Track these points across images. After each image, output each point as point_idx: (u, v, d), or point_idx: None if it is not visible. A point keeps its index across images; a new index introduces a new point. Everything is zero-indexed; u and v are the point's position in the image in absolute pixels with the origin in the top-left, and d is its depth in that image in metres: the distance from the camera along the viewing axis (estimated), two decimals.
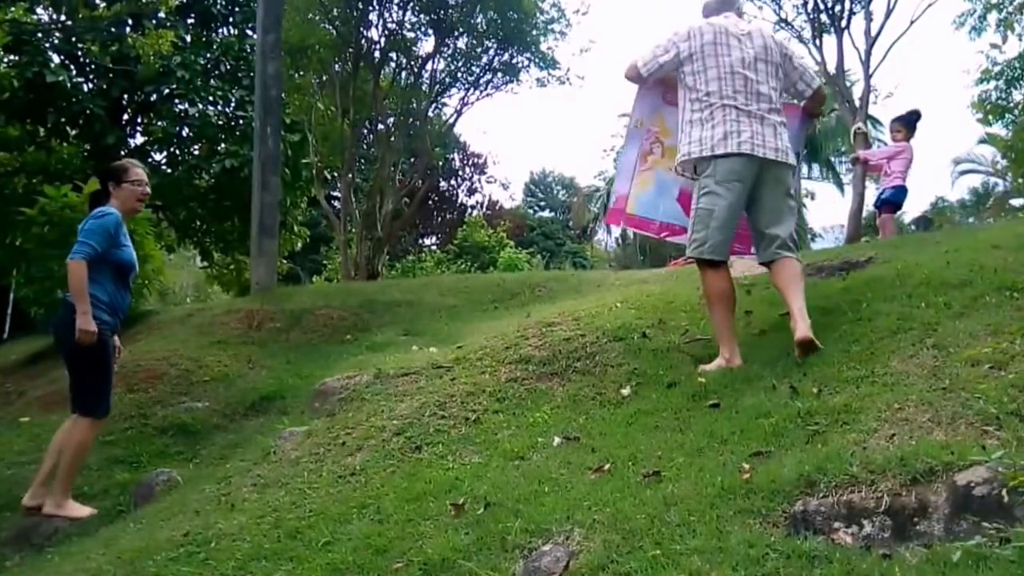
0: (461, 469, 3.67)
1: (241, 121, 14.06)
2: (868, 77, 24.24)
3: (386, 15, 21.91)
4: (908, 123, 9.12)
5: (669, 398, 3.97)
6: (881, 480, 2.46)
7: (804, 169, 36.05)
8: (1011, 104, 21.64)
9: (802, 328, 3.89)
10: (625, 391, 4.28)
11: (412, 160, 26.46)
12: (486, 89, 23.84)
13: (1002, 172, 32.24)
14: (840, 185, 35.76)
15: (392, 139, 23.73)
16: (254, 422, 6.08)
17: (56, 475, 4.93)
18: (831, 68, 24.91)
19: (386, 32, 22.12)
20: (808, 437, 2.98)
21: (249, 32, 14.81)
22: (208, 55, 14.19)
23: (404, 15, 22.13)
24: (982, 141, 29.51)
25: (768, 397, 3.51)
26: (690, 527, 2.53)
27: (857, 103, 23.81)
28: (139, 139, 15.01)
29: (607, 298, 6.40)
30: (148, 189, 5.32)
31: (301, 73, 21.70)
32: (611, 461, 3.30)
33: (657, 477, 3.00)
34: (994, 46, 21.07)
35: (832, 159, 36.11)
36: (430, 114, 24.94)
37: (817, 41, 24.71)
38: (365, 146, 27.36)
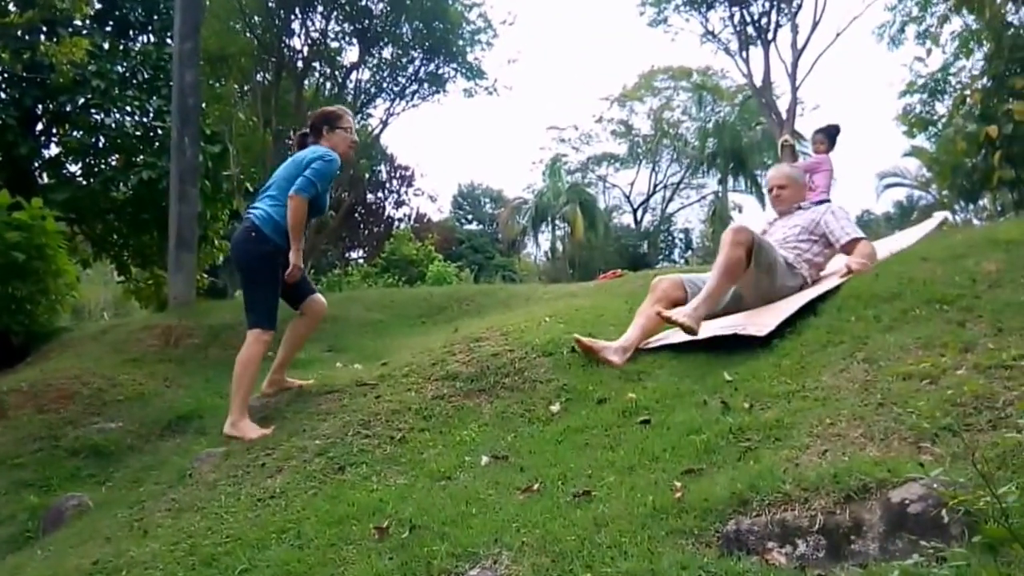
0: (385, 490, 3.56)
1: (159, 131, 13.66)
2: (795, 89, 24.86)
3: (309, 24, 21.75)
4: (830, 135, 9.16)
5: (599, 414, 3.90)
6: (814, 498, 2.43)
7: (730, 182, 36.74)
8: (935, 117, 22.19)
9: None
10: (554, 408, 4.20)
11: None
12: (412, 100, 23.82)
13: (926, 185, 33.07)
14: (762, 199, 36.42)
15: None
16: (170, 443, 5.88)
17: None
18: (758, 81, 25.47)
19: (309, 41, 21.96)
20: (740, 454, 2.95)
21: (168, 40, 14.40)
22: (125, 64, 13.82)
23: (327, 24, 22.01)
24: (907, 154, 30.15)
25: (699, 413, 3.48)
26: (621, 549, 2.48)
27: (784, 115, 24.38)
28: (54, 150, 14.54)
29: (536, 312, 6.34)
30: (356, 138, 5.50)
31: (222, 82, 21.33)
32: (540, 480, 3.23)
33: (587, 497, 2.94)
34: (919, 59, 21.65)
35: (757, 173, 36.79)
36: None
37: (744, 54, 25.26)
38: (288, 157, 27.04)
